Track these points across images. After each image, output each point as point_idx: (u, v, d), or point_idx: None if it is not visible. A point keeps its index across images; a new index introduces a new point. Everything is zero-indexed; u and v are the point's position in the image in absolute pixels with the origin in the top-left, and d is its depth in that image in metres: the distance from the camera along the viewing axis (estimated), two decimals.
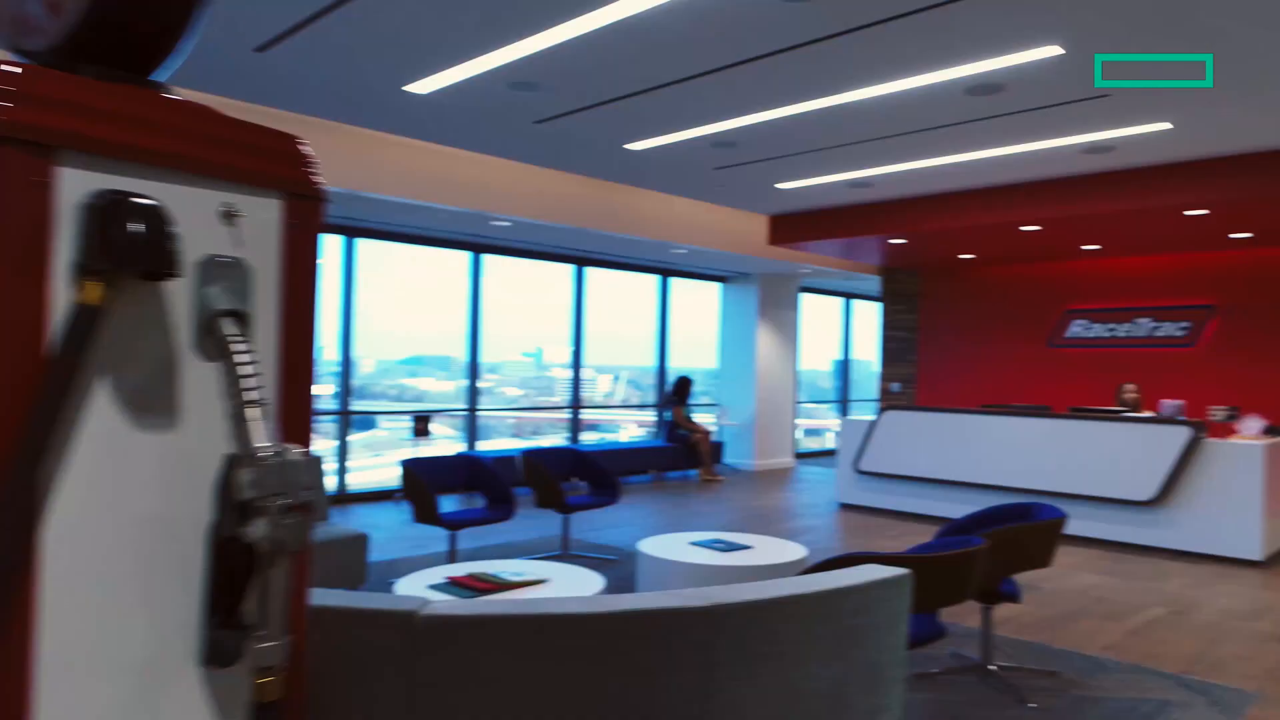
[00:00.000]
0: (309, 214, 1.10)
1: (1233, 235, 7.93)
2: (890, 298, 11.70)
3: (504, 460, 8.23)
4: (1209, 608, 5.15)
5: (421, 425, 8.45)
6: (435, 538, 6.17)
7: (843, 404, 15.02)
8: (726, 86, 4.93)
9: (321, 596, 2.09)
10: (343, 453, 8.53)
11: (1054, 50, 4.27)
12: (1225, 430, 6.93)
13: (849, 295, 14.71)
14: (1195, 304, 9.05)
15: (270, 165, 1.06)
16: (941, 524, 7.97)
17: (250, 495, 0.90)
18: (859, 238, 8.36)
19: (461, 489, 6.41)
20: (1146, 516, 6.77)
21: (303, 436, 1.06)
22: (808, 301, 14.01)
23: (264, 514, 0.89)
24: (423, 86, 5.06)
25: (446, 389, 10.24)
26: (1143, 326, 9.38)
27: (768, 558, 4.36)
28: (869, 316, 14.69)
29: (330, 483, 8.40)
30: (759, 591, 2.17)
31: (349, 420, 8.69)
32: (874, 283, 12.23)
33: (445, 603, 2.04)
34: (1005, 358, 10.37)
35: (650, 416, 12.04)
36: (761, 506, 8.72)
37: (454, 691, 1.96)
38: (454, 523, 5.36)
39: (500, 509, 5.57)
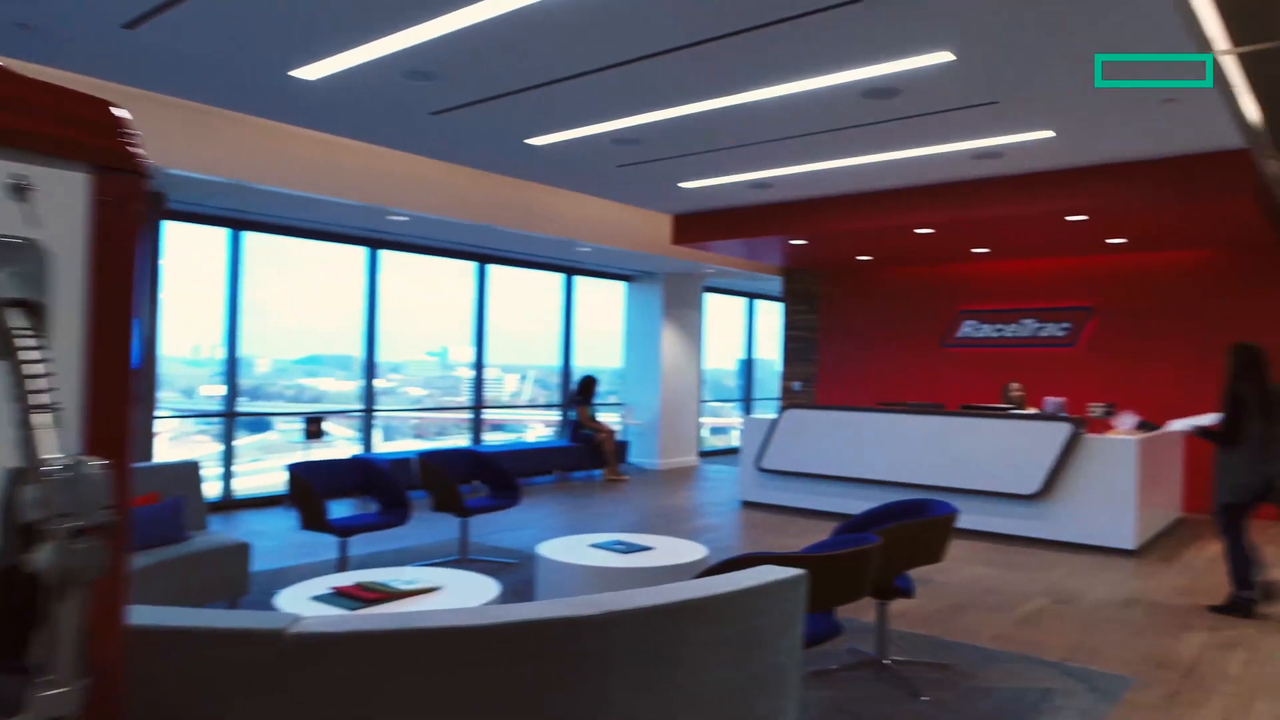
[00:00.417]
0: (125, 190, 0.96)
1: (1109, 240, 8.34)
2: (791, 298, 11.89)
3: (401, 463, 7.98)
4: (1088, 597, 5.38)
5: (314, 427, 8.11)
6: (326, 545, 5.91)
7: (746, 403, 15.21)
8: (627, 82, 4.86)
9: (181, 616, 1.92)
10: (228, 457, 8.11)
11: (946, 56, 4.36)
12: (1103, 426, 7.28)
13: (752, 295, 14.91)
14: (1075, 306, 9.49)
15: (74, 133, 0.91)
16: (841, 520, 8.13)
17: (34, 516, 0.76)
18: (761, 238, 8.44)
19: (354, 493, 6.17)
20: (1031, 510, 7.04)
21: (115, 447, 0.91)
22: (712, 301, 14.12)
23: (50, 538, 0.76)
24: (311, 72, 4.82)
25: (347, 389, 9.89)
26: (1028, 327, 9.78)
27: (668, 559, 4.31)
28: (771, 316, 14.91)
29: (213, 489, 7.97)
30: (653, 597, 2.10)
31: (235, 422, 8.27)
32: (776, 283, 12.41)
33: (317, 619, 1.90)
34: (901, 357, 10.67)
35: (556, 416, 11.90)
36: (665, 506, 8.71)
37: (328, 715, 1.83)
38: (344, 529, 5.13)
39: (394, 513, 5.37)
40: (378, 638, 1.84)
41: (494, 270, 10.54)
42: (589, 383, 10.84)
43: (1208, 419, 5.36)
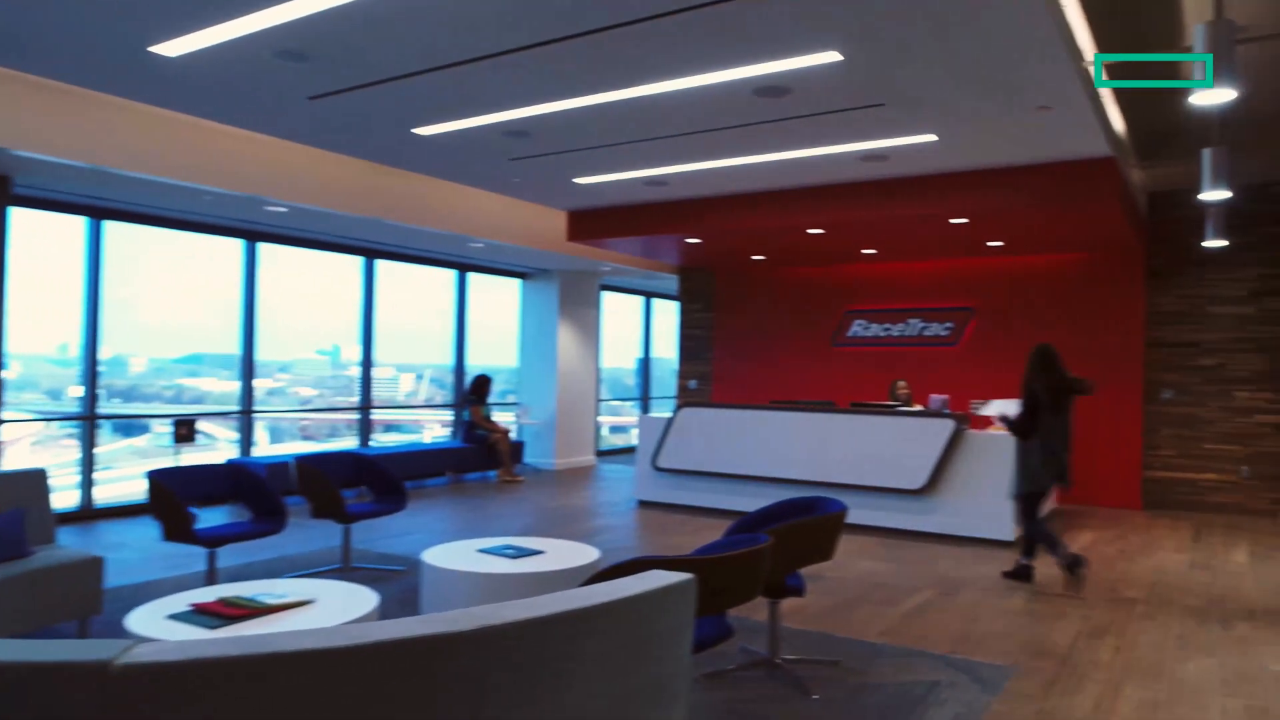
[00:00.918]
0: None
1: (989, 244, 8.67)
2: (687, 297, 11.93)
3: (280, 467, 7.58)
4: (971, 588, 5.53)
5: (184, 430, 7.61)
6: (195, 557, 5.53)
7: (644, 401, 15.20)
8: (515, 72, 4.71)
9: None
10: (88, 463, 7.53)
11: (833, 56, 4.38)
12: (984, 422, 7.54)
13: (649, 294, 14.91)
14: (957, 306, 9.84)
15: None
16: (736, 518, 8.18)
17: None
18: (656, 236, 8.41)
19: (226, 500, 5.80)
20: (918, 504, 7.23)
21: None
22: (610, 299, 14.05)
23: None
24: (172, 48, 4.48)
25: (231, 389, 9.40)
26: (913, 326, 10.09)
27: (559, 563, 4.19)
28: (669, 315, 14.96)
29: (71, 498, 7.38)
30: (530, 609, 1.98)
31: (98, 426, 7.68)
32: (673, 282, 12.43)
33: (150, 647, 1.69)
34: (794, 356, 10.84)
35: (450, 416, 11.59)
36: (561, 507, 8.57)
37: None
38: (212, 539, 4.80)
39: (268, 521, 5.06)
40: (220, 665, 1.65)
41: (383, 266, 10.17)
42: (482, 382, 10.59)
43: (1013, 406, 5.78)
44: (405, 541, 6.67)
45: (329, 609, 3.31)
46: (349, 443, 10.40)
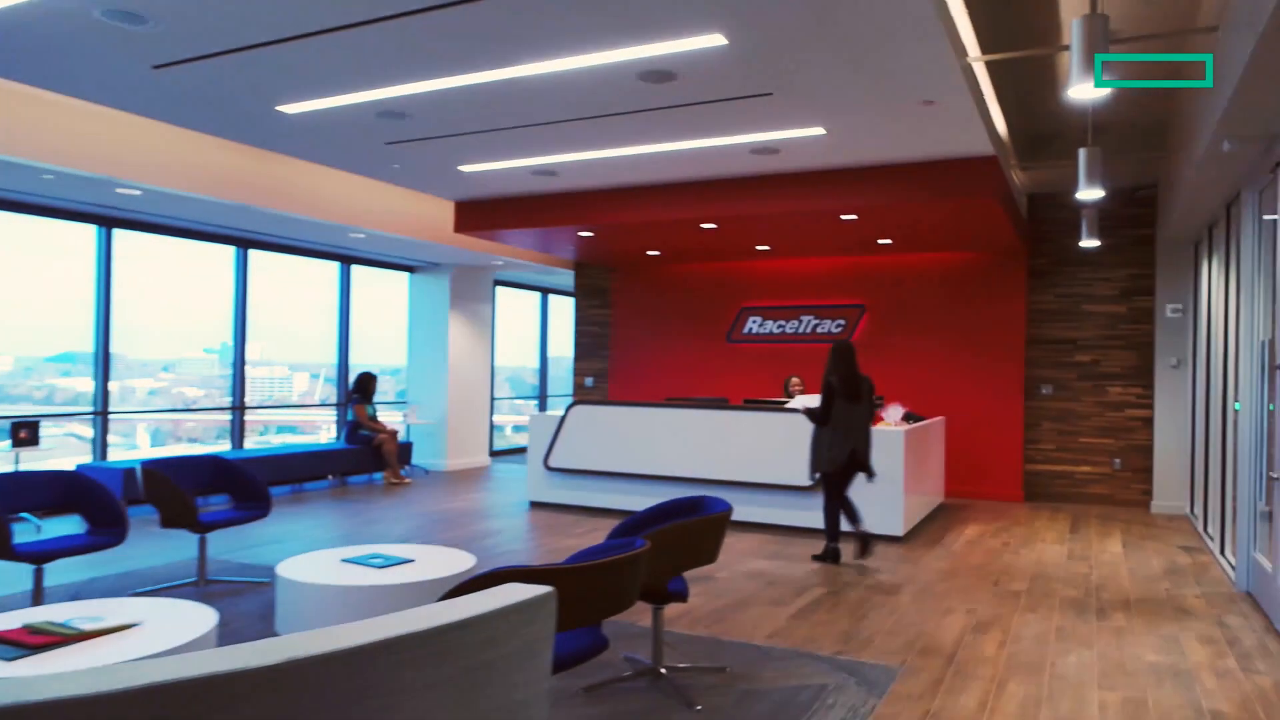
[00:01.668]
0: None
1: (880, 241, 8.74)
2: (583, 293, 11.69)
3: (135, 473, 6.99)
4: (860, 585, 5.48)
5: (24, 434, 6.92)
6: (22, 574, 4.97)
7: (542, 399, 14.89)
8: (381, 46, 4.38)
9: None
10: None
11: (718, 39, 4.22)
12: (875, 417, 7.56)
13: (546, 290, 14.60)
14: (849, 303, 9.92)
15: None
16: (628, 518, 8.00)
17: None
18: (546, 228, 8.14)
19: (60, 510, 5.25)
20: (810, 501, 7.19)
21: None
22: (506, 295, 13.69)
23: None
24: None
25: (111, 389, 8.75)
26: (807, 323, 10.12)
27: (427, 573, 3.89)
28: (567, 311, 14.69)
29: None
30: (355, 635, 1.71)
31: None
32: (570, 278, 12.18)
33: None
34: (690, 352, 10.74)
35: (333, 416, 11.02)
36: (448, 510, 8.21)
37: None
38: (37, 554, 4.29)
39: (107, 533, 4.57)
40: None
41: (259, 257, 9.56)
42: (366, 380, 10.10)
43: (813, 399, 6.42)
44: (273, 551, 6.21)
45: (154, 634, 2.93)
46: (244, 444, 9.81)
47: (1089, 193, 5.55)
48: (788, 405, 7.50)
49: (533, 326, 14.71)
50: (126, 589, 5.05)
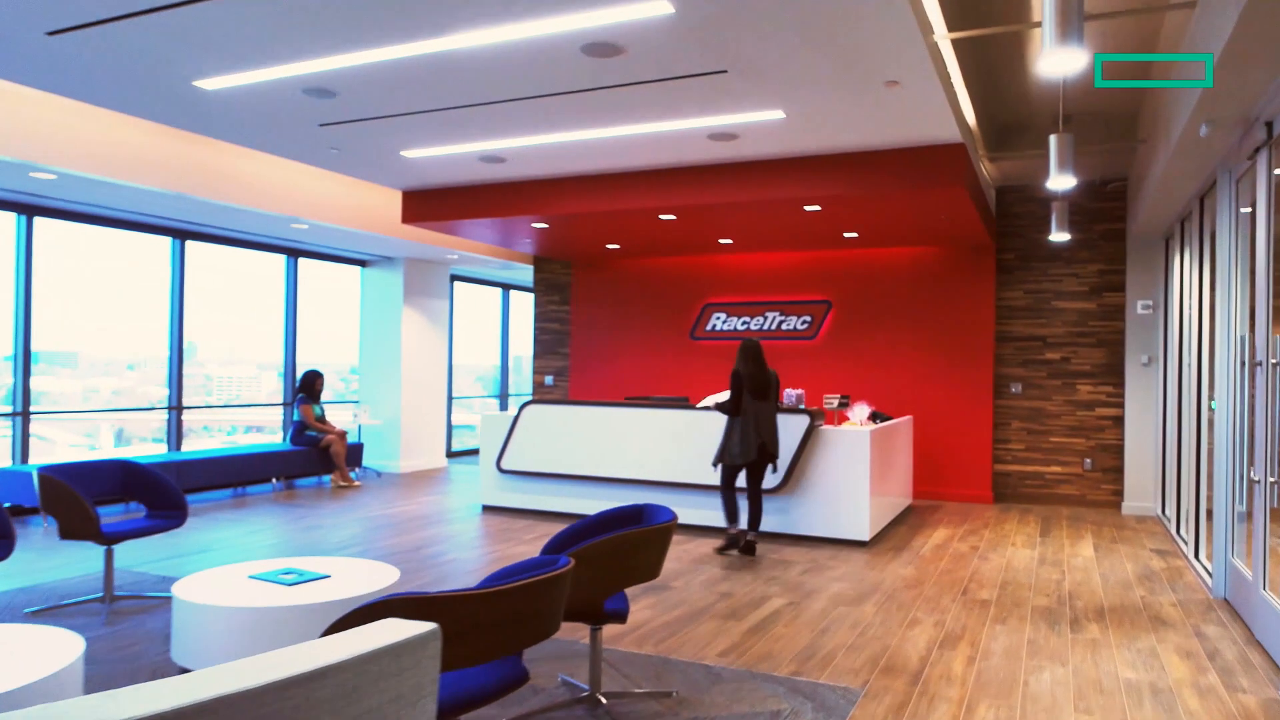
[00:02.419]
0: None
1: (845, 234, 8.46)
2: (542, 288, 11.31)
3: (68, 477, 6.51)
4: (822, 595, 5.17)
5: None
6: None
7: (504, 398, 14.49)
8: (299, 13, 3.99)
9: None
10: None
11: (664, 7, 3.89)
12: (839, 418, 7.28)
13: (507, 286, 14.20)
14: (815, 299, 9.63)
15: None
16: (566, 528, 7.64)
17: None
18: (498, 218, 7.75)
19: None
20: (772, 504, 6.88)
21: None
22: (466, 291, 13.27)
23: None
24: None
25: (71, 389, 8.58)
26: (772, 320, 9.82)
27: (341, 591, 3.51)
28: (529, 308, 14.30)
29: None
30: (162, 698, 1.35)
31: None
32: (530, 272, 11.79)
33: None
34: (652, 350, 10.40)
35: (279, 416, 10.55)
36: (395, 514, 7.80)
37: None
38: None
39: None
40: None
41: (197, 249, 9.08)
42: (312, 378, 9.65)
43: (724, 396, 6.64)
44: (198, 561, 5.78)
45: None
46: (202, 444, 9.37)
47: (1060, 180, 5.27)
48: (699, 404, 7.46)
49: (494, 323, 14.30)
50: (21, 606, 4.62)
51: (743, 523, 6.39)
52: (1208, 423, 5.96)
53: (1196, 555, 6.07)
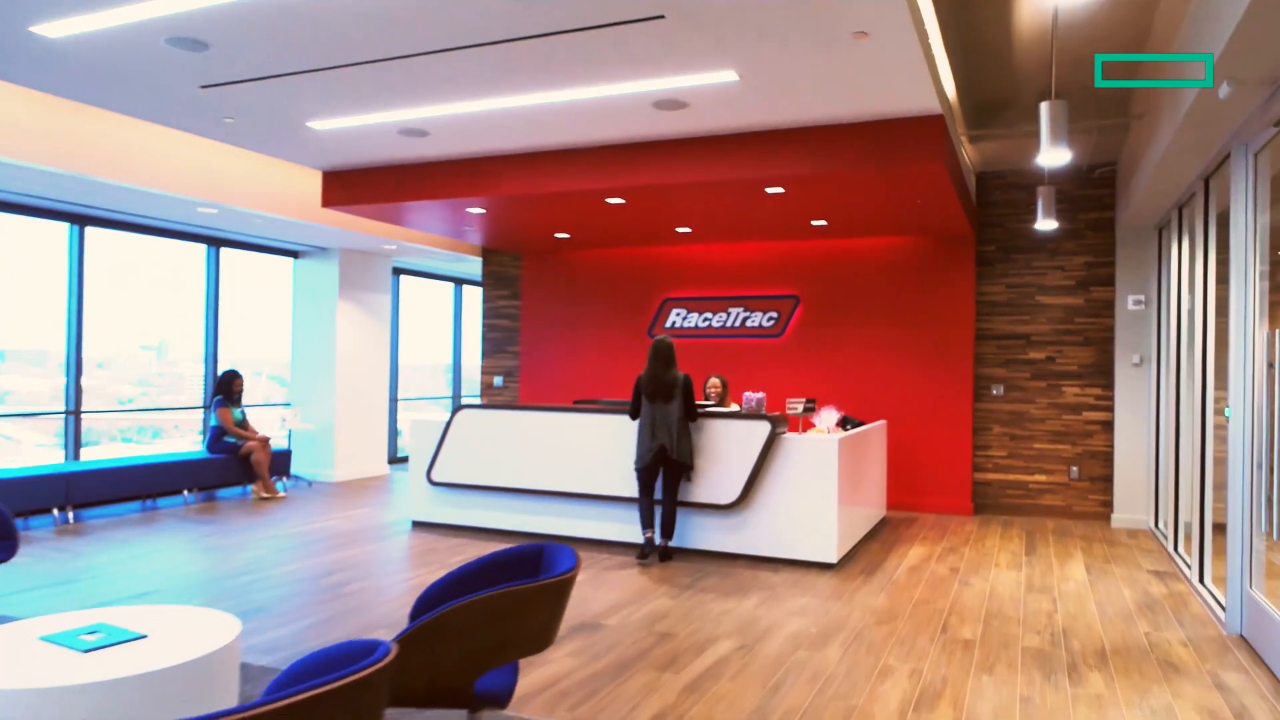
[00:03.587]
0: None
1: (813, 222, 7.75)
2: (490, 282, 10.52)
3: None
4: (779, 634, 4.44)
5: None
6: None
7: (456, 400, 13.66)
8: None
9: None
10: None
11: None
12: (804, 424, 6.57)
13: (459, 280, 13.38)
14: (782, 294, 8.92)
15: None
16: (521, 540, 6.88)
17: None
18: (427, 201, 6.95)
19: None
20: (729, 521, 6.16)
21: None
22: (415, 286, 12.44)
23: None
24: None
25: (40, 388, 8.15)
26: (735, 316, 9.10)
27: (152, 659, 2.71)
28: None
29: None
30: None
31: None
32: (479, 265, 11.00)
33: None
34: (608, 348, 9.64)
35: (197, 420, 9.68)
36: (313, 531, 6.99)
37: None
38: None
39: None
40: None
41: (101, 236, 8.19)
42: (230, 378, 8.79)
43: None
44: (49, 599, 4.95)
45: None
46: (173, 445, 8.54)
47: (1053, 155, 4.55)
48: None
49: (446, 320, 13.48)
50: None
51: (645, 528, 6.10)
52: (1213, 430, 5.30)
53: (1201, 580, 5.40)
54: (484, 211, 7.36)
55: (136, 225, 8.38)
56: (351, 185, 7.13)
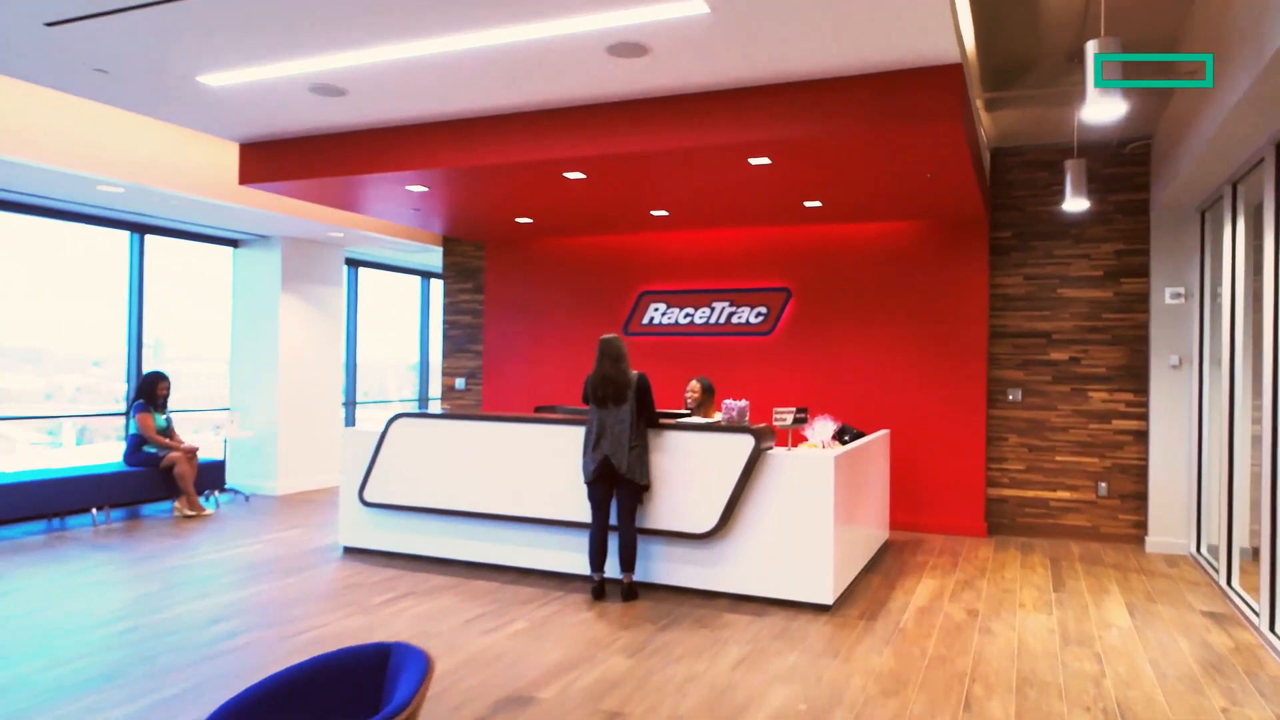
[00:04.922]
0: None
1: (806, 204, 6.79)
2: (452, 274, 9.55)
3: None
4: (758, 713, 3.48)
5: None
6: None
7: (423, 403, 12.69)
8: None
9: None
10: None
11: None
12: (795, 437, 5.60)
13: (425, 274, 12.41)
14: (772, 287, 7.95)
15: None
16: (470, 570, 5.92)
17: None
18: (356, 176, 5.97)
19: None
20: (705, 554, 5.21)
21: None
22: (375, 279, 11.47)
23: None
24: None
25: (32, 388, 7.94)
26: (720, 312, 8.13)
27: None
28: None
29: None
30: None
31: None
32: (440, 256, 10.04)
33: None
34: (579, 347, 8.67)
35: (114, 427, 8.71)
36: (224, 560, 6.03)
37: None
38: None
39: None
40: None
41: (5, 221, 7.23)
42: (154, 382, 7.82)
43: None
44: None
45: None
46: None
47: (1102, 108, 3.60)
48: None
49: (412, 317, 12.51)
50: None
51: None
52: (1271, 443, 4.36)
53: (1273, 627, 4.46)
54: (427, 190, 6.39)
55: (35, 207, 7.39)
56: (271, 159, 6.15)
